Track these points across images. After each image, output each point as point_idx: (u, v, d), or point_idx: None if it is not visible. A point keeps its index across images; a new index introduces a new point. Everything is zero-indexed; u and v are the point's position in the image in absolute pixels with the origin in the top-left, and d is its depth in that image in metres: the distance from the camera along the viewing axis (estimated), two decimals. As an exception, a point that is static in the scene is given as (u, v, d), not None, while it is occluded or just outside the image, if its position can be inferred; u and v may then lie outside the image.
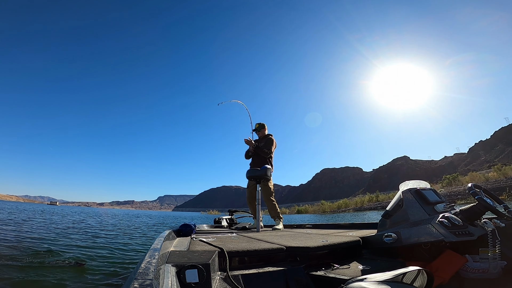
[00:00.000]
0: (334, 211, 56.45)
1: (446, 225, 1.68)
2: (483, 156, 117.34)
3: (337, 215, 38.65)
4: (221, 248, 1.61)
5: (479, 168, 77.35)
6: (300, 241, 2.07)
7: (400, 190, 2.17)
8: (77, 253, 5.18)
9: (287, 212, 77.05)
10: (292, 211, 77.04)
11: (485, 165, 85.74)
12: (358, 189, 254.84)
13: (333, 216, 37.63)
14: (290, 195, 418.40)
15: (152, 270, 0.95)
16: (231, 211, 5.23)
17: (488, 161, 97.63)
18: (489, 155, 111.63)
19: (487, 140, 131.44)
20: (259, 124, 4.52)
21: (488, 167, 67.66)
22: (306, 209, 68.22)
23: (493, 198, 1.85)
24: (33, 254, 4.71)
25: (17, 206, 41.89)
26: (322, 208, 61.54)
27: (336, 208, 59.84)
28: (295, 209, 75.70)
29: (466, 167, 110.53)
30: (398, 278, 0.97)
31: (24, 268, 3.83)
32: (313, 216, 39.45)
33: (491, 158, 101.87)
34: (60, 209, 45.58)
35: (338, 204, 61.76)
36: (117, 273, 4.02)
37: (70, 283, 3.38)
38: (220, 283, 1.33)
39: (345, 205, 59.19)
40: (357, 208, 49.23)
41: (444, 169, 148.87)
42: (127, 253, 5.72)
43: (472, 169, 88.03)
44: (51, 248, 5.40)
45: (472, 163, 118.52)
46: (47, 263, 4.17)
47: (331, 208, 60.56)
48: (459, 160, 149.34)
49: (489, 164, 74.98)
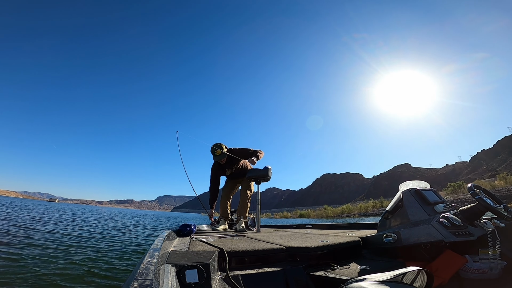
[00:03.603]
0: (338, 216, 55.91)
1: (446, 225, 1.68)
2: (485, 165, 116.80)
3: (341, 221, 38.34)
4: (221, 248, 1.61)
5: (481, 177, 76.89)
6: (300, 241, 2.07)
7: (400, 190, 2.17)
8: (78, 253, 5.18)
9: (289, 216, 76.55)
10: (294, 215, 76.54)
11: (487, 174, 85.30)
12: (358, 195, 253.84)
13: (337, 221, 37.44)
14: (290, 199, 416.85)
15: (152, 270, 0.95)
16: (231, 211, 5.21)
17: (490, 170, 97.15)
18: (492, 164, 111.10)
19: (490, 149, 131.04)
20: (217, 146, 3.75)
21: (490, 176, 67.33)
22: (309, 214, 67.77)
23: (493, 198, 1.85)
24: (33, 250, 4.71)
25: (23, 202, 41.87)
26: (325, 213, 61.11)
27: (339, 213, 59.34)
28: (297, 213, 75.18)
29: (467, 176, 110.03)
30: (398, 278, 0.96)
31: (24, 266, 3.82)
32: (318, 221, 39.37)
33: (494, 167, 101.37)
34: (59, 206, 45.58)
35: (341, 209, 61.35)
36: (117, 273, 4.01)
37: (70, 283, 3.37)
38: (220, 283, 1.33)
39: (349, 211, 58.73)
40: (361, 214, 48.81)
41: (445, 177, 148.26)
42: (127, 253, 5.72)
43: (474, 177, 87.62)
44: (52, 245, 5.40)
45: (474, 172, 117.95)
46: (48, 262, 4.16)
47: (334, 213, 60.11)
48: (461, 169, 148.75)
49: (491, 173, 74.63)
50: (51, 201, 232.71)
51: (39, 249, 5.05)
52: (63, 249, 5.32)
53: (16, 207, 21.30)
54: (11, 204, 25.80)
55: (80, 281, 3.52)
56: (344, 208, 60.54)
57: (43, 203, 60.77)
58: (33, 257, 4.40)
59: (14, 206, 22.79)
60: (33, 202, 56.26)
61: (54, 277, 3.51)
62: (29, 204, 37.30)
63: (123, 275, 3.96)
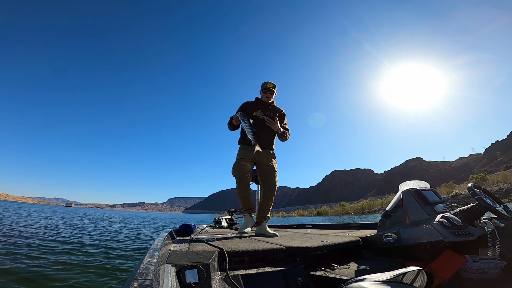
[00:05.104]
0: (358, 212, 54.27)
1: (445, 225, 1.67)
2: (500, 157, 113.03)
3: (364, 217, 34.69)
4: (221, 248, 1.62)
5: (496, 169, 74.53)
6: (300, 241, 2.08)
7: (400, 190, 2.16)
8: (79, 253, 5.29)
9: (305, 214, 75.12)
10: (310, 213, 75.03)
11: (502, 166, 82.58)
12: (369, 191, 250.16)
13: (361, 217, 33.80)
14: (300, 197, 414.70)
15: (152, 270, 0.95)
16: (230, 211, 5.24)
17: (505, 162, 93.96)
18: (506, 156, 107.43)
19: (503, 140, 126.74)
20: (272, 83, 3.07)
21: (505, 168, 65.05)
22: (326, 211, 66.20)
23: (493, 198, 1.83)
24: (39, 253, 4.84)
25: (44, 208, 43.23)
26: (344, 210, 59.62)
27: (360, 209, 57.61)
28: (314, 211, 73.52)
29: (482, 168, 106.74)
30: (398, 278, 0.96)
31: (28, 266, 3.92)
32: (337, 219, 35.72)
33: (508, 159, 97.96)
34: (82, 210, 46.63)
35: (361, 204, 59.61)
36: (117, 273, 4.05)
37: (71, 283, 3.43)
38: (220, 283, 1.33)
39: (369, 206, 56.93)
40: (383, 209, 47.52)
41: (459, 170, 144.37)
42: (128, 253, 5.80)
43: (489, 170, 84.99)
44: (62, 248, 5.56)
45: (488, 164, 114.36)
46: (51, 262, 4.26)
47: (354, 209, 58.52)
48: (474, 161, 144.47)
49: (506, 165, 72.15)
50: (67, 206, 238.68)
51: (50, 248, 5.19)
52: (65, 251, 5.41)
53: (61, 213, 22.04)
54: (52, 211, 26.73)
55: (80, 280, 3.55)
56: (365, 204, 58.85)
57: (62, 209, 62.27)
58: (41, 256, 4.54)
59: (58, 212, 23.38)
60: (52, 208, 57.63)
61: (55, 277, 3.57)
62: (55, 209, 38.29)
63: (123, 275, 4.00)
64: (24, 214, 18.21)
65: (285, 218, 26.34)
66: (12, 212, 18.84)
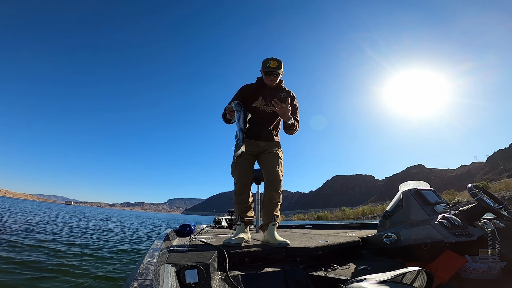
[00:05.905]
0: (359, 218, 54.07)
1: (445, 225, 1.67)
2: (502, 165, 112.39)
3: (364, 221, 36.04)
4: (220, 248, 1.63)
5: (498, 178, 74.13)
6: (299, 241, 2.09)
7: (400, 191, 2.17)
8: (79, 252, 5.22)
9: (305, 218, 74.90)
10: (310, 217, 74.84)
11: (505, 174, 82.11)
12: (370, 196, 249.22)
13: (362, 222, 35.47)
14: (300, 202, 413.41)
15: (152, 270, 0.95)
16: (230, 211, 5.24)
17: (507, 170, 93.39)
18: (508, 164, 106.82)
19: (506, 149, 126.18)
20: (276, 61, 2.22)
21: (507, 176, 64.62)
22: (326, 216, 66.00)
23: (493, 198, 1.83)
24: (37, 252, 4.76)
25: (41, 205, 43.19)
26: (344, 215, 59.38)
27: (360, 214, 57.43)
28: (314, 215, 73.36)
29: (484, 176, 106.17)
30: (398, 279, 0.96)
31: (28, 267, 3.77)
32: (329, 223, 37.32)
33: (511, 168, 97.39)
34: (81, 209, 46.50)
35: (362, 210, 59.50)
36: (117, 273, 4.00)
37: (70, 283, 3.36)
38: (220, 283, 1.33)
39: (370, 212, 56.70)
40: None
41: (461, 178, 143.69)
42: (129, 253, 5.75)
43: (491, 178, 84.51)
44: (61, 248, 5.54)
45: (490, 172, 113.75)
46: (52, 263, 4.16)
47: (354, 214, 58.35)
48: (477, 169, 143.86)
49: (509, 173, 71.70)
50: (67, 203, 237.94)
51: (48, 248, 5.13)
52: (65, 250, 5.28)
53: (61, 211, 21.87)
54: (55, 209, 26.62)
55: (80, 281, 3.49)
56: (366, 209, 58.73)
57: (61, 206, 62.02)
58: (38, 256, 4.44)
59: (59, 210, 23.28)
60: (51, 205, 57.40)
61: (54, 277, 3.49)
62: (53, 207, 38.18)
63: (123, 275, 3.97)
64: (17, 210, 17.94)
65: (285, 222, 26.47)
66: (5, 208, 18.61)
